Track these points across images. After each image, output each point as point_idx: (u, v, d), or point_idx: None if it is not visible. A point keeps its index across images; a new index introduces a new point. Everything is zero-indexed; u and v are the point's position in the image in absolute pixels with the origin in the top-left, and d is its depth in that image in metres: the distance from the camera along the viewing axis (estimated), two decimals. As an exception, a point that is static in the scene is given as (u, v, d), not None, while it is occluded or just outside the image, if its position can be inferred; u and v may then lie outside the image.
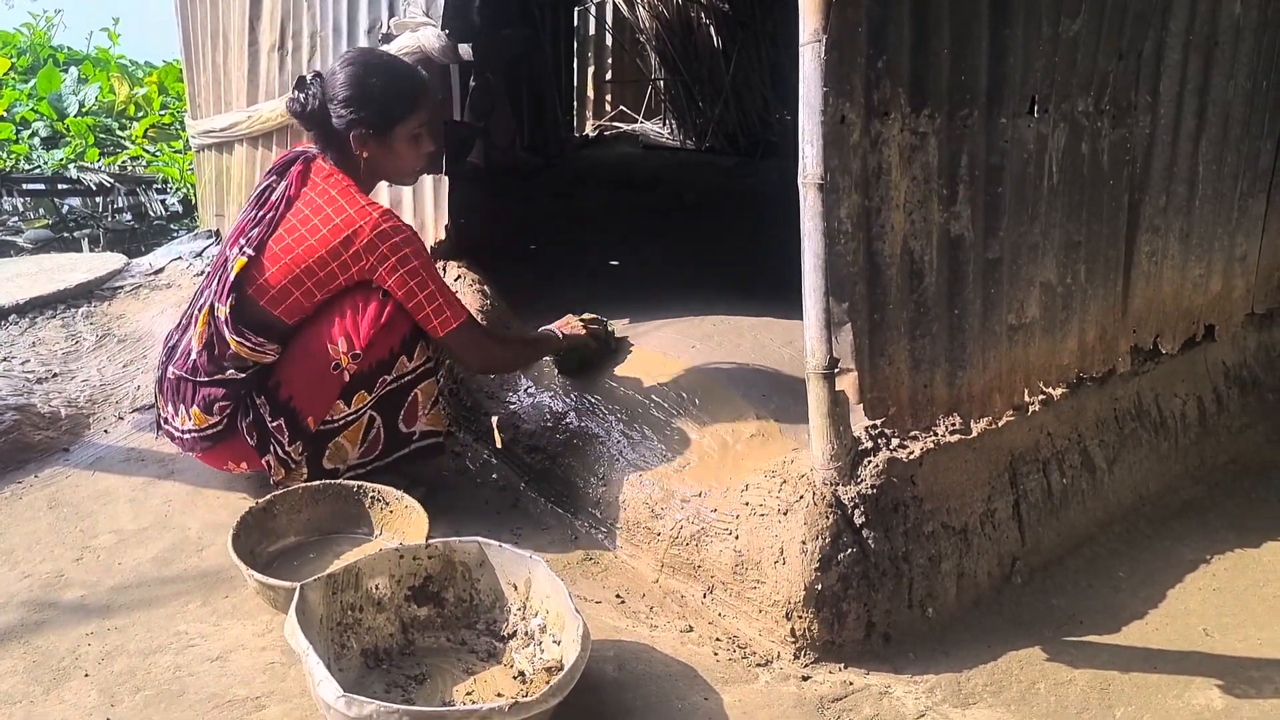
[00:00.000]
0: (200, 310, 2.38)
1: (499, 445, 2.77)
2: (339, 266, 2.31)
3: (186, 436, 2.44)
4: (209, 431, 2.41)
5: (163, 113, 7.02)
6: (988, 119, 2.21)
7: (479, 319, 2.79)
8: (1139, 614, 2.28)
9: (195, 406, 2.39)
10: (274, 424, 2.37)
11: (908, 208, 2.12)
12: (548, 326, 2.68)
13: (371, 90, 2.33)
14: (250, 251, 2.33)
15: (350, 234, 2.29)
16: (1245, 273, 3.06)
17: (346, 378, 2.37)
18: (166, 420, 2.49)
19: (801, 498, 2.10)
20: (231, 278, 2.32)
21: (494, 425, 2.78)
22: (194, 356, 2.37)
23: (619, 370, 2.71)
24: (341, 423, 2.43)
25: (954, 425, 2.29)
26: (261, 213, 2.39)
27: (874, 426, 2.16)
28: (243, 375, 2.37)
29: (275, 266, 2.32)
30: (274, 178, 2.45)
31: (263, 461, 2.42)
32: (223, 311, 2.31)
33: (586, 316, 2.76)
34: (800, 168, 1.97)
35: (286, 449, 2.39)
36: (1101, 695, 2.01)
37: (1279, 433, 3.12)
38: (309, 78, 2.39)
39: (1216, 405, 2.95)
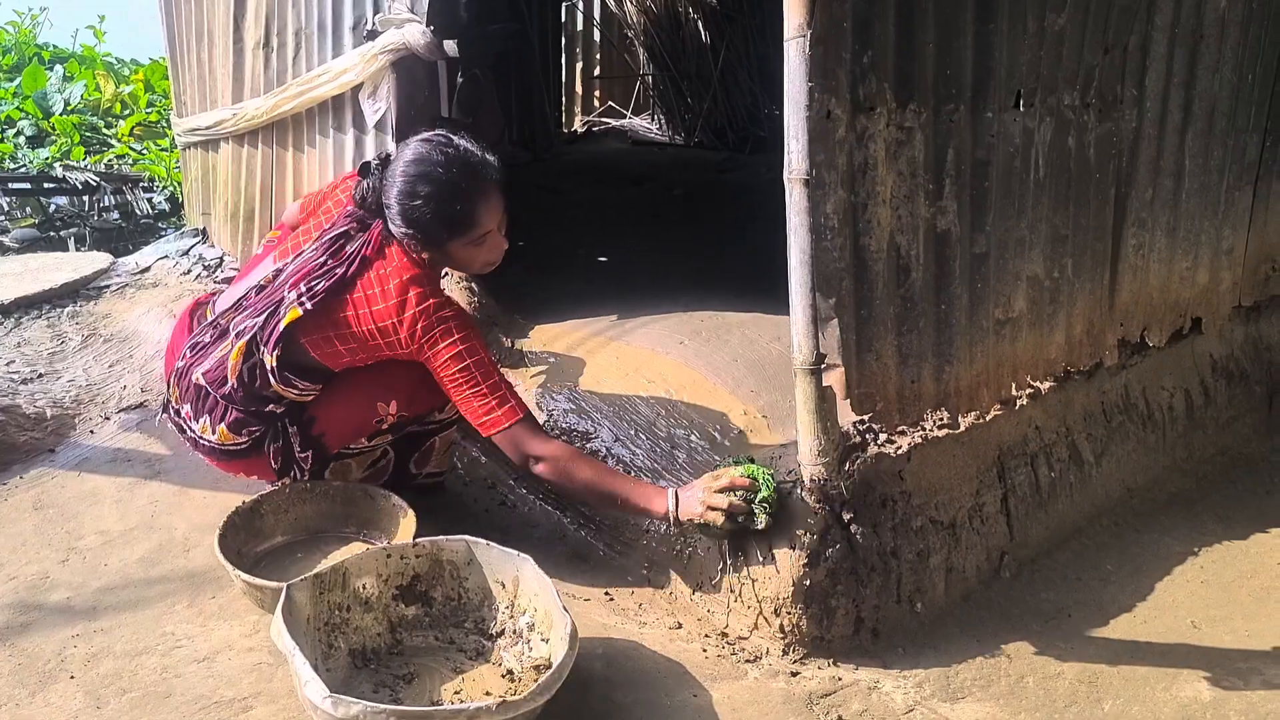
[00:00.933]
0: (239, 338, 2.25)
1: None
2: (387, 348, 2.20)
3: (203, 444, 2.38)
4: (231, 448, 2.35)
5: (149, 111, 6.98)
6: (974, 114, 2.21)
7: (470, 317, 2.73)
8: (1127, 607, 2.29)
9: (223, 425, 2.31)
10: (301, 454, 2.35)
11: (894, 203, 2.12)
12: (670, 485, 2.21)
13: (418, 214, 2.15)
14: (308, 305, 2.18)
15: (409, 332, 2.15)
16: (1232, 266, 3.07)
17: (384, 427, 2.37)
18: (180, 414, 2.41)
19: (789, 494, 2.09)
20: (282, 327, 2.19)
21: None
22: (230, 383, 2.26)
23: (608, 368, 2.70)
24: (356, 451, 2.43)
25: (942, 420, 2.29)
26: (332, 264, 2.22)
27: (861, 422, 2.16)
28: (281, 409, 2.32)
29: (333, 331, 2.20)
30: (354, 225, 2.28)
31: (279, 481, 2.40)
32: (270, 360, 2.20)
33: (735, 477, 2.07)
34: (785, 163, 1.97)
35: (306, 473, 2.39)
36: (1090, 688, 2.02)
37: (1266, 425, 3.13)
38: (374, 164, 2.25)
39: (1204, 398, 2.96)
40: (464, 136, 2.24)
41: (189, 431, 2.40)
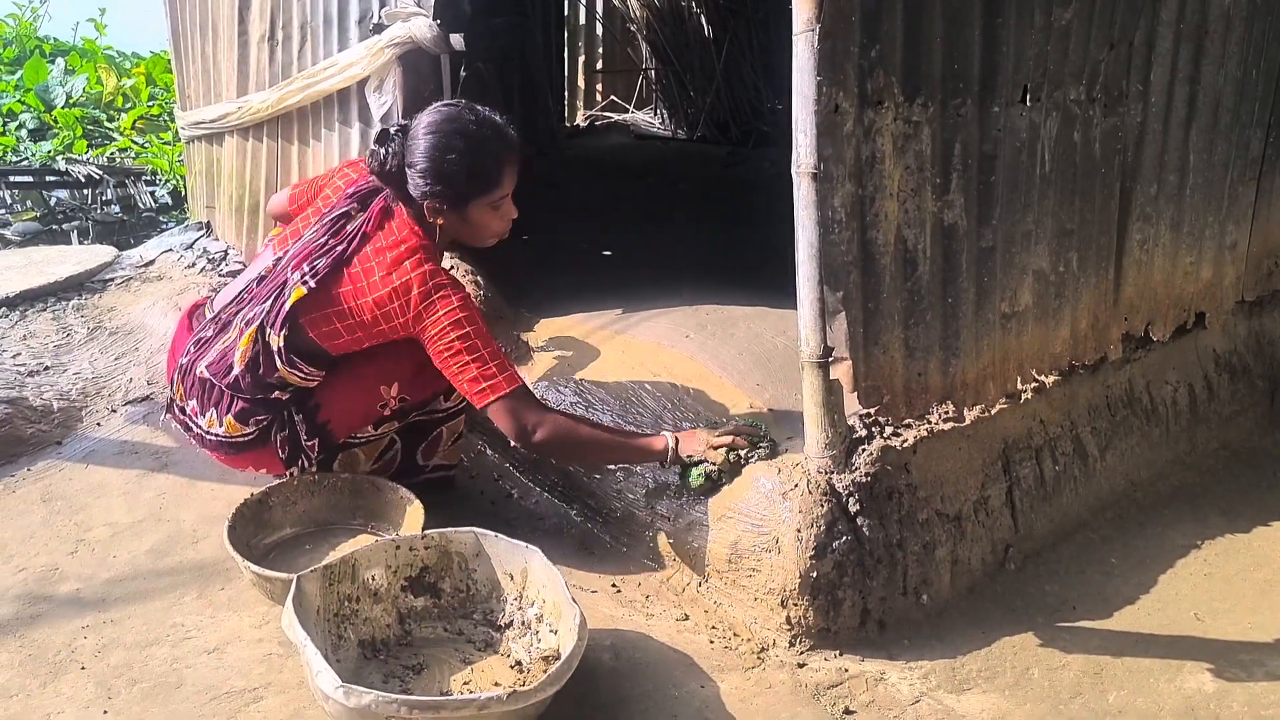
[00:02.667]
0: (248, 325, 2.28)
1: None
2: (388, 326, 2.22)
3: (210, 438, 2.38)
4: (239, 440, 2.36)
5: (151, 104, 6.98)
6: (980, 108, 2.22)
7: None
8: (1131, 599, 2.29)
9: (230, 416, 2.33)
10: (309, 442, 2.36)
11: (901, 196, 2.12)
12: (666, 431, 2.34)
13: (447, 167, 2.18)
14: (311, 284, 2.22)
15: (404, 301, 2.18)
16: (1235, 260, 3.08)
17: (387, 413, 2.38)
18: (185, 411, 2.43)
19: (796, 486, 2.11)
20: (287, 307, 2.23)
21: None
22: (236, 371, 2.28)
23: (614, 361, 2.71)
24: (363, 440, 2.44)
25: (947, 413, 2.30)
26: (333, 242, 2.27)
27: (868, 415, 2.17)
28: (286, 397, 2.34)
29: (332, 308, 2.23)
30: (354, 205, 2.33)
31: (287, 472, 2.41)
32: (276, 342, 2.23)
33: (729, 432, 2.27)
34: (794, 157, 1.98)
35: (313, 462, 2.40)
36: (1095, 679, 2.03)
37: (1269, 419, 3.14)
38: (392, 131, 2.26)
39: (1207, 392, 2.96)
40: (484, 107, 2.29)
41: (195, 428, 2.41)
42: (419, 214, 2.26)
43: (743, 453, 2.23)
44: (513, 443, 2.27)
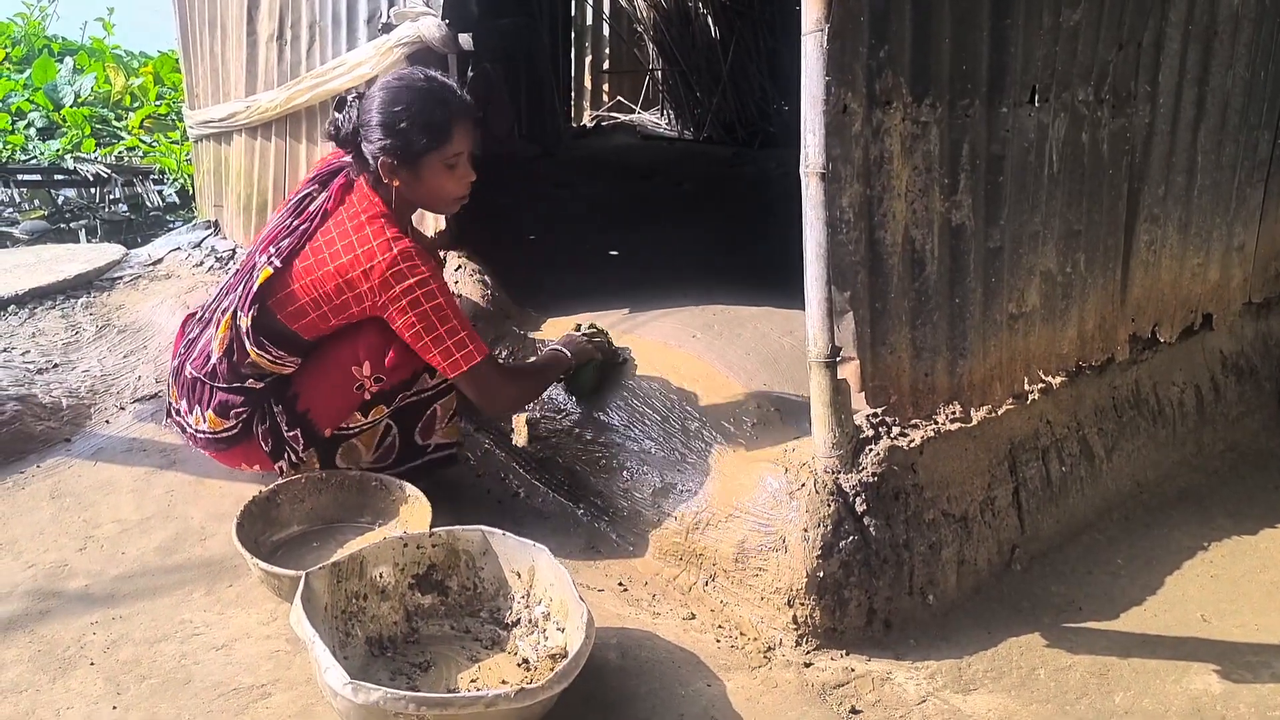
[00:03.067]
0: (224, 314, 2.33)
1: (523, 443, 2.70)
2: (353, 299, 2.24)
3: (199, 436, 2.42)
4: (223, 435, 2.39)
5: (159, 103, 6.99)
6: (989, 108, 2.22)
7: (479, 308, 2.75)
8: (1137, 600, 2.29)
9: (210, 410, 2.36)
10: (290, 433, 2.36)
11: (909, 197, 2.13)
12: (552, 345, 2.54)
13: (397, 119, 2.20)
14: (277, 263, 2.26)
15: (367, 269, 2.20)
16: (1243, 262, 3.08)
17: (367, 396, 2.37)
18: (179, 413, 2.47)
19: (803, 485, 2.11)
20: (255, 288, 2.26)
21: (515, 424, 2.72)
22: (213, 361, 2.32)
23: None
24: (357, 430, 2.44)
25: (954, 413, 2.30)
26: (297, 222, 2.32)
27: (875, 415, 2.18)
28: (261, 385, 2.35)
29: (297, 284, 2.26)
30: (316, 186, 2.38)
31: (276, 466, 2.42)
32: (245, 322, 2.25)
33: (585, 329, 2.66)
34: (802, 157, 1.98)
35: (300, 455, 2.40)
36: (1101, 680, 2.03)
37: (1276, 421, 3.14)
38: (349, 98, 2.30)
39: (1214, 394, 2.96)
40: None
41: (188, 429, 2.45)
42: (376, 179, 2.28)
43: (612, 348, 2.61)
44: (482, 409, 2.49)
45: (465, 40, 2.88)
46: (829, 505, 2.08)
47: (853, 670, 2.03)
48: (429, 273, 2.22)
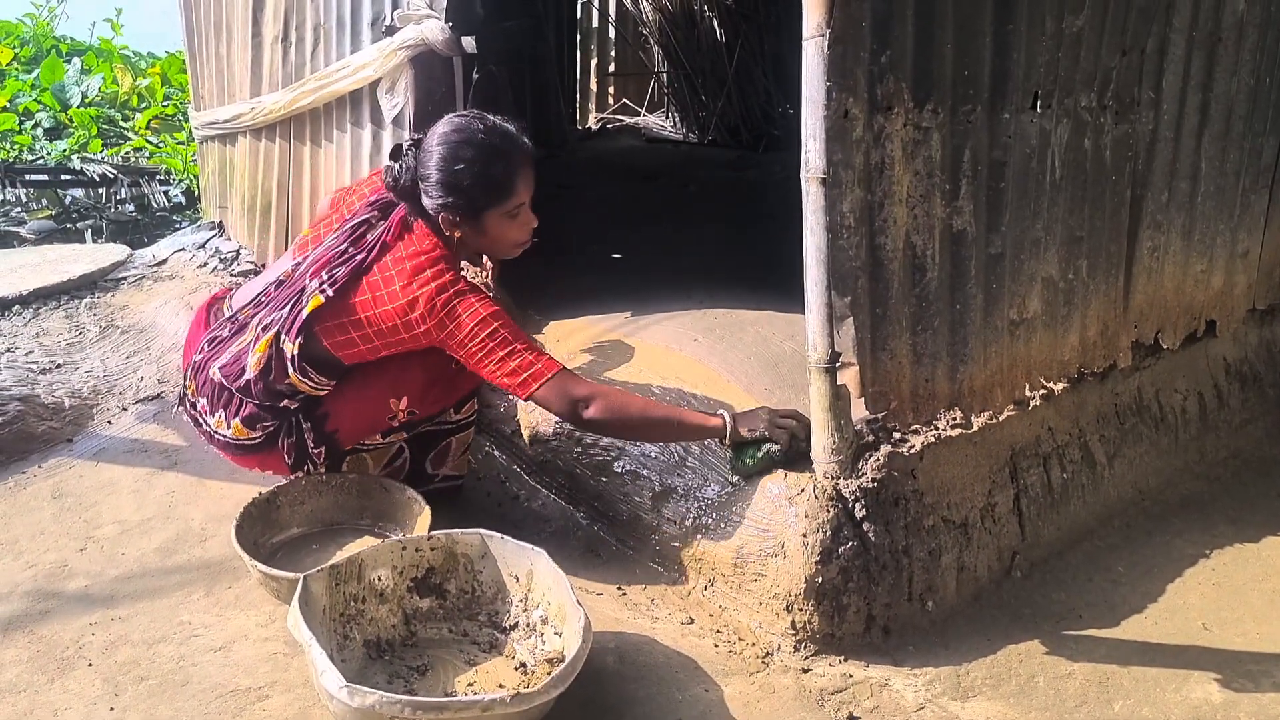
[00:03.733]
0: (264, 331, 2.26)
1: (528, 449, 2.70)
2: (409, 336, 2.20)
3: (219, 438, 2.39)
4: (246, 443, 2.37)
5: (165, 104, 7.02)
6: (991, 114, 2.21)
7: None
8: (1138, 608, 2.29)
9: (238, 419, 2.32)
10: (315, 450, 2.36)
11: (910, 202, 2.12)
12: (732, 413, 2.24)
13: (459, 179, 2.17)
14: (330, 292, 2.20)
15: (410, 302, 2.17)
16: (1247, 269, 3.07)
17: (396, 424, 2.38)
18: (196, 408, 2.42)
19: (802, 491, 2.11)
20: (304, 315, 2.21)
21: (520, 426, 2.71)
22: (248, 376, 2.26)
23: (622, 365, 2.71)
24: (371, 447, 2.45)
25: (955, 419, 2.29)
26: (353, 250, 2.26)
27: (875, 420, 2.17)
28: (295, 404, 2.33)
29: (348, 318, 2.21)
30: (375, 214, 2.33)
31: (293, 476, 2.42)
32: (290, 349, 2.21)
33: (785, 412, 2.23)
34: (803, 162, 1.98)
35: (320, 466, 2.41)
36: (1100, 689, 2.02)
37: (1279, 428, 3.12)
38: (405, 147, 2.27)
39: (1217, 401, 2.95)
40: (496, 115, 2.28)
41: (204, 425, 2.41)
42: (436, 227, 2.24)
43: (801, 436, 2.16)
44: (566, 423, 2.32)
45: (469, 43, 2.89)
46: (828, 511, 2.07)
47: (851, 676, 2.03)
48: (483, 300, 2.18)
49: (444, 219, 2.22)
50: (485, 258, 2.70)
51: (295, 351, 2.21)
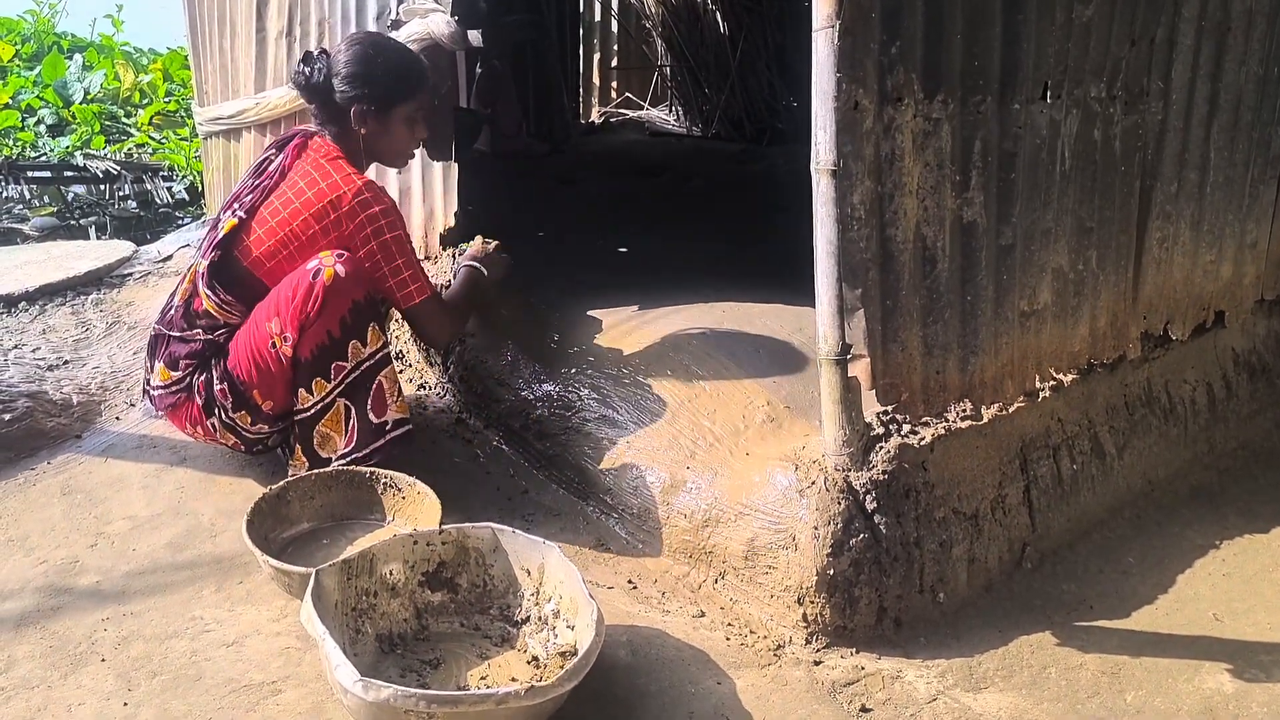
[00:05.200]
0: (189, 269, 2.49)
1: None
2: (321, 230, 2.38)
3: (155, 393, 2.52)
4: (173, 388, 2.47)
5: (168, 100, 7.01)
6: (1001, 105, 2.21)
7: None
8: (1149, 599, 2.29)
9: (161, 362, 2.47)
10: (219, 388, 2.43)
11: (920, 194, 2.12)
12: (464, 264, 2.72)
13: (375, 69, 2.42)
14: (242, 214, 2.42)
15: (335, 199, 2.37)
16: (1256, 259, 3.06)
17: (285, 360, 2.36)
18: (147, 381, 2.56)
19: (813, 483, 2.11)
20: (220, 236, 2.41)
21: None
22: (172, 311, 2.46)
23: (630, 356, 2.71)
24: (315, 411, 2.41)
25: (965, 411, 2.29)
26: (257, 180, 2.48)
27: (886, 412, 2.17)
28: (211, 336, 2.43)
29: (263, 229, 2.40)
30: (273, 150, 2.54)
31: (208, 424, 2.46)
32: (202, 266, 2.41)
33: (476, 243, 2.79)
34: (813, 154, 1.97)
35: (231, 415, 2.43)
36: (1112, 679, 2.02)
37: (1288, 419, 3.13)
38: (315, 53, 2.50)
39: (1226, 391, 2.95)
40: None
41: (149, 390, 2.55)
42: (340, 130, 2.47)
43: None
44: (426, 343, 2.82)
45: (474, 37, 2.88)
46: (839, 503, 2.07)
47: (863, 668, 2.03)
48: (390, 204, 2.43)
49: (356, 111, 2.43)
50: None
51: (205, 268, 2.39)
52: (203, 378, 2.45)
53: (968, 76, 2.13)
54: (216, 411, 2.45)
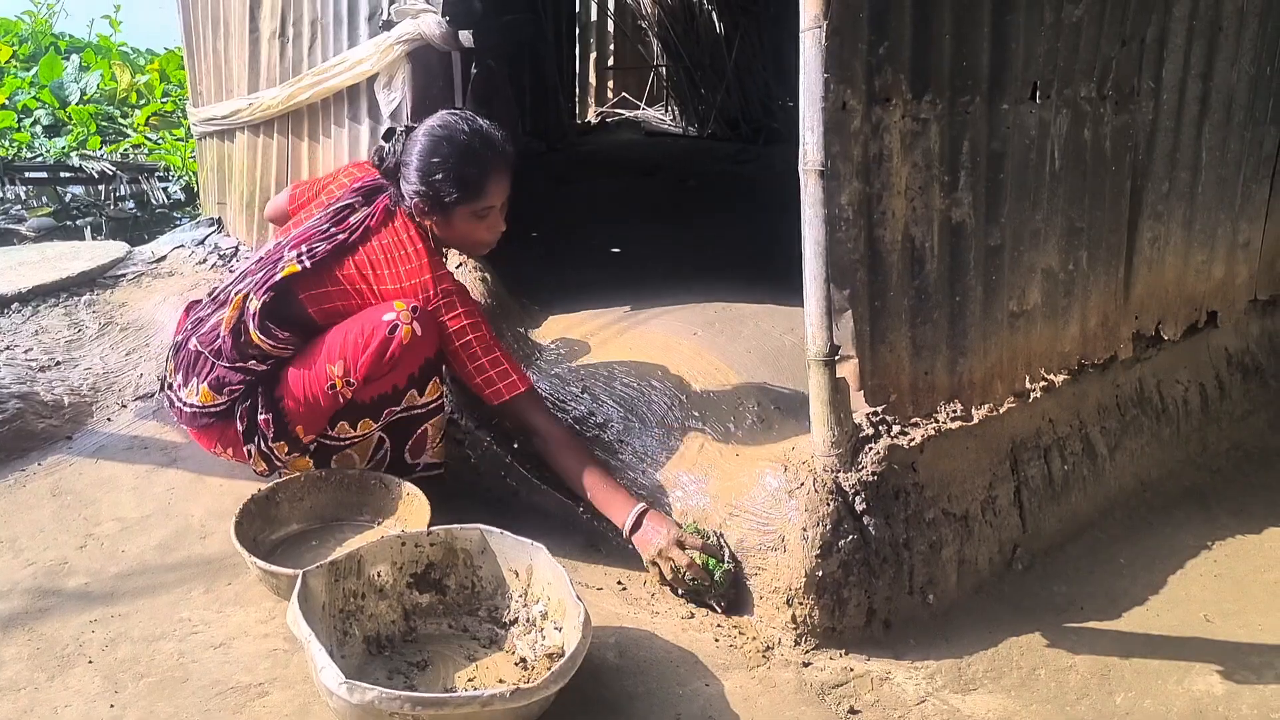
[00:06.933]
0: (237, 295, 2.38)
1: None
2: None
3: (187, 409, 2.45)
4: (211, 409, 2.42)
5: (164, 100, 7.01)
6: (989, 105, 2.20)
7: (481, 305, 2.75)
8: (1140, 600, 2.28)
9: (205, 384, 2.40)
10: (263, 417, 2.37)
11: (909, 194, 2.11)
12: (642, 513, 2.23)
13: (433, 170, 2.31)
14: (307, 263, 2.33)
15: (424, 282, 2.32)
16: (1248, 259, 3.06)
17: (341, 401, 2.34)
18: (172, 387, 2.50)
19: (802, 484, 2.10)
20: (277, 278, 2.32)
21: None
22: (220, 339, 2.37)
23: (622, 358, 2.71)
24: (349, 441, 2.43)
25: (955, 412, 2.29)
26: (335, 230, 2.38)
27: (875, 413, 2.16)
28: (262, 367, 2.38)
29: (334, 288, 2.35)
30: (359, 199, 2.44)
31: (244, 450, 2.42)
32: (254, 304, 2.32)
33: (696, 547, 2.15)
34: (801, 154, 1.97)
35: (270, 444, 2.39)
36: (1102, 681, 2.02)
37: (1281, 419, 3.12)
38: (399, 130, 2.43)
39: (1218, 392, 2.94)
40: (487, 120, 2.40)
41: (177, 403, 2.48)
42: (412, 214, 2.39)
43: (713, 566, 2.14)
44: (518, 440, 2.50)
45: (466, 37, 2.88)
46: (828, 504, 2.07)
47: (851, 670, 2.02)
48: (473, 304, 2.37)
49: (415, 206, 2.36)
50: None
51: (258, 308, 2.31)
52: (245, 404, 2.40)
53: (956, 77, 2.13)
54: (256, 440, 2.39)
